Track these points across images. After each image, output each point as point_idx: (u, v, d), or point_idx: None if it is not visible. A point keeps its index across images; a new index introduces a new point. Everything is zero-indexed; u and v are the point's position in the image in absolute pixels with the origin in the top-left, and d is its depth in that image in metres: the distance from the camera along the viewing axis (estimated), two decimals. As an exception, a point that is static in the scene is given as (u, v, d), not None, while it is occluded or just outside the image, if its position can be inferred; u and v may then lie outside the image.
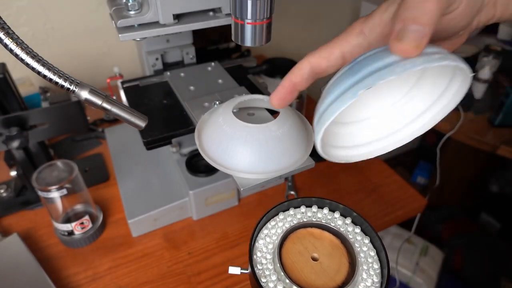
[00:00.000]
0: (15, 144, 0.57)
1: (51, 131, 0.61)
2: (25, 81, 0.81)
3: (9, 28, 0.29)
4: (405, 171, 1.89)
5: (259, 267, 0.33)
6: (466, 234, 1.36)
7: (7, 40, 0.29)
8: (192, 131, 0.56)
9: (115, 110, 0.35)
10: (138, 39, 0.50)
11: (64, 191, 0.55)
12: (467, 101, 0.95)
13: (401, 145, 0.31)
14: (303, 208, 0.37)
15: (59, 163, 0.57)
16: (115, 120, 0.85)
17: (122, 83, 0.65)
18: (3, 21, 0.28)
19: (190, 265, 0.57)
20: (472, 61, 1.14)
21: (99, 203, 0.66)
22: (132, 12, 0.47)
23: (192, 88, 0.62)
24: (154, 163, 0.69)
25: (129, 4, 0.47)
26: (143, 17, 0.48)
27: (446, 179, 1.49)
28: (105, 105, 0.34)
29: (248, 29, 0.39)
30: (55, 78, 0.31)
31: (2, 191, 0.67)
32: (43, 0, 0.84)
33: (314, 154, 0.43)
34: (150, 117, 0.39)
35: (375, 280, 0.32)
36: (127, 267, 0.57)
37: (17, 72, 0.69)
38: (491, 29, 1.29)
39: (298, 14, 1.17)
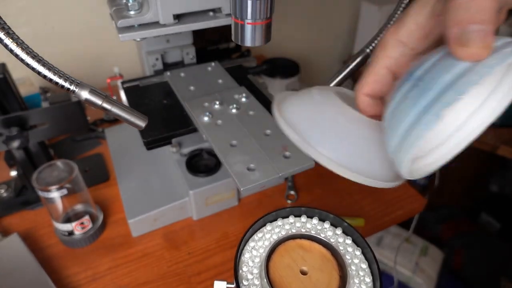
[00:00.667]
0: (15, 144, 0.57)
1: (51, 131, 0.61)
2: (25, 81, 0.81)
3: (9, 28, 0.29)
4: (405, 171, 1.89)
5: (245, 283, 0.32)
6: (466, 234, 1.36)
7: (7, 40, 0.29)
8: (192, 131, 0.56)
9: (115, 110, 0.35)
10: (138, 39, 0.50)
11: (64, 191, 0.55)
12: (467, 101, 0.95)
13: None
14: (291, 218, 0.36)
15: (59, 163, 0.57)
16: (115, 120, 0.85)
17: (122, 83, 0.65)
18: (3, 21, 0.28)
19: (190, 265, 0.57)
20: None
21: (99, 203, 0.66)
22: (132, 12, 0.47)
23: (192, 88, 0.62)
24: (154, 163, 0.69)
25: (129, 4, 0.47)
26: (143, 17, 0.48)
27: (446, 179, 1.49)
28: (105, 105, 0.34)
29: (248, 29, 0.39)
30: (55, 78, 0.31)
31: (2, 191, 0.67)
32: (43, 0, 0.84)
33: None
34: (150, 117, 0.39)
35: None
36: (127, 267, 0.57)
37: (17, 72, 0.69)
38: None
39: (298, 14, 1.17)
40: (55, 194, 0.55)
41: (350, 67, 0.42)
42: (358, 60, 0.42)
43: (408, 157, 0.23)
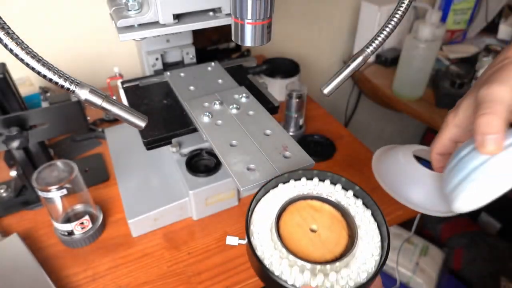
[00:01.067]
0: (15, 144, 0.57)
1: (51, 131, 0.61)
2: (25, 81, 0.81)
3: (9, 28, 0.29)
4: (405, 171, 1.89)
5: (256, 237, 0.32)
6: (466, 234, 1.36)
7: (7, 40, 0.29)
8: (192, 131, 0.56)
9: (115, 110, 0.35)
10: (138, 39, 0.50)
11: (64, 191, 0.55)
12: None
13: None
14: (304, 181, 0.36)
15: (59, 163, 0.57)
16: (115, 120, 0.85)
17: (122, 83, 0.65)
18: (3, 21, 0.28)
19: (190, 265, 0.57)
20: (472, 61, 1.14)
21: (99, 203, 0.66)
22: (132, 12, 0.47)
23: (192, 88, 0.62)
24: (154, 163, 0.69)
25: (129, 4, 0.47)
26: (143, 17, 0.48)
27: (446, 179, 1.49)
28: (105, 105, 0.34)
29: (248, 29, 0.39)
30: (55, 78, 0.31)
31: (2, 191, 0.66)
32: (43, 0, 0.84)
33: (313, 154, 0.43)
34: (150, 117, 0.39)
35: (375, 253, 0.31)
36: (127, 267, 0.57)
37: (17, 72, 0.69)
38: (491, 29, 1.30)
39: (298, 14, 1.17)
40: (55, 194, 0.55)
41: (350, 67, 0.42)
42: (358, 60, 0.41)
43: (461, 196, 0.35)
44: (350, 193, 0.36)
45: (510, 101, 0.35)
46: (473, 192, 0.36)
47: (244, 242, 0.34)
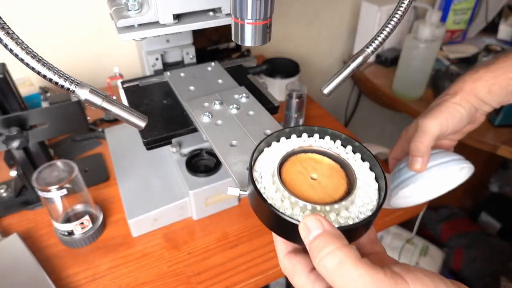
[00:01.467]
0: (15, 144, 0.57)
1: (51, 131, 0.61)
2: (25, 81, 0.81)
3: (9, 28, 0.29)
4: (405, 171, 1.89)
5: (259, 180, 0.34)
6: (466, 234, 1.36)
7: (7, 40, 0.29)
8: (192, 131, 0.56)
9: (115, 110, 0.35)
10: (138, 39, 0.50)
11: (64, 191, 0.55)
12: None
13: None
14: (305, 137, 0.38)
15: (59, 163, 0.57)
16: (115, 120, 0.85)
17: (122, 83, 0.65)
18: (3, 21, 0.28)
19: (190, 265, 0.57)
20: (472, 61, 1.14)
21: (99, 203, 0.66)
22: (132, 12, 0.47)
23: (192, 88, 0.62)
24: (154, 163, 0.69)
25: (129, 4, 0.47)
26: (143, 17, 0.48)
27: (446, 179, 1.49)
28: (105, 105, 0.34)
29: (248, 29, 0.39)
30: (55, 78, 0.31)
31: (2, 191, 0.66)
32: (43, 0, 0.84)
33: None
34: (150, 117, 0.39)
35: (372, 197, 0.32)
36: (127, 267, 0.57)
37: (17, 72, 0.69)
38: (491, 29, 1.30)
39: (298, 14, 1.17)
40: (55, 194, 0.55)
41: (350, 67, 0.42)
42: (358, 60, 0.41)
43: (395, 197, 0.50)
44: (349, 148, 0.37)
45: (437, 132, 0.47)
46: (401, 195, 0.51)
47: (246, 193, 0.35)
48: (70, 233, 0.58)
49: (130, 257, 0.58)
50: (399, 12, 0.39)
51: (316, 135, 0.38)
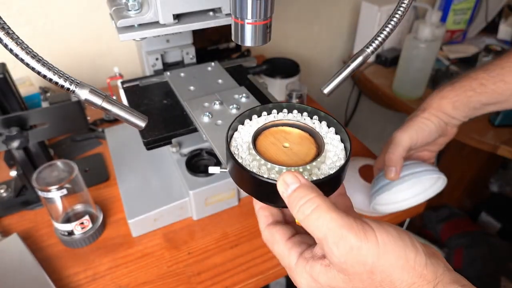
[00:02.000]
0: (15, 144, 0.57)
1: (51, 131, 0.61)
2: (25, 81, 0.81)
3: (9, 28, 0.29)
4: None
5: (236, 153, 0.37)
6: (466, 234, 1.36)
7: (7, 40, 0.29)
8: (192, 131, 0.56)
9: (115, 110, 0.35)
10: (138, 39, 0.50)
11: (64, 191, 0.55)
12: (467, 101, 0.95)
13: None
14: (274, 113, 0.42)
15: (59, 163, 0.57)
16: (115, 120, 0.85)
17: (122, 83, 0.65)
18: (3, 21, 0.28)
19: (190, 265, 0.57)
20: (472, 61, 1.14)
21: (99, 203, 0.66)
22: (132, 12, 0.47)
23: (192, 88, 0.62)
24: (154, 163, 0.69)
25: (129, 4, 0.47)
26: (143, 17, 0.48)
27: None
28: (105, 105, 0.34)
29: (248, 29, 0.39)
30: (55, 78, 0.31)
31: (2, 191, 0.66)
32: (43, 0, 0.84)
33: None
34: (150, 117, 0.39)
35: (340, 156, 0.36)
36: (127, 267, 0.57)
37: (17, 72, 0.69)
38: (491, 29, 1.30)
39: (298, 14, 1.17)
40: (55, 194, 0.55)
41: (350, 67, 0.42)
42: (358, 60, 0.41)
43: (373, 203, 0.59)
44: (316, 117, 0.41)
45: (407, 144, 0.54)
46: (379, 201, 0.60)
47: (226, 170, 0.39)
48: (70, 233, 0.58)
49: (130, 257, 0.58)
50: (399, 12, 0.39)
51: (285, 110, 0.42)
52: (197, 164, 0.63)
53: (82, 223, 0.58)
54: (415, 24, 0.98)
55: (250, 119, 0.41)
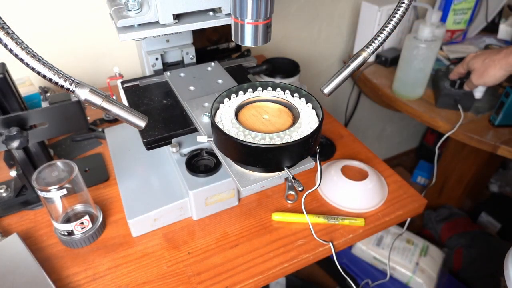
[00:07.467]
0: (15, 144, 0.57)
1: (51, 131, 0.61)
2: (25, 81, 0.81)
3: (9, 28, 0.29)
4: (405, 171, 1.89)
5: (220, 121, 0.43)
6: (466, 234, 1.36)
7: (7, 40, 0.29)
8: (192, 131, 0.56)
9: (115, 110, 0.35)
10: (138, 39, 0.50)
11: (64, 191, 0.55)
12: (467, 101, 0.95)
13: None
14: (260, 90, 0.48)
15: (59, 163, 0.57)
16: (115, 120, 0.85)
17: (122, 83, 0.65)
18: (3, 21, 0.28)
19: (190, 265, 0.57)
20: (472, 61, 1.14)
21: (99, 203, 0.66)
22: (132, 12, 0.47)
23: (192, 88, 0.62)
24: (154, 163, 0.69)
25: (129, 4, 0.47)
26: (143, 17, 0.48)
27: (446, 179, 1.49)
28: (105, 105, 0.34)
29: (248, 29, 0.40)
30: (55, 78, 0.31)
31: (2, 191, 0.67)
32: (43, 0, 0.84)
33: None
34: (150, 117, 0.39)
35: (313, 126, 0.42)
36: (127, 267, 0.57)
37: (17, 72, 0.69)
38: (491, 29, 1.30)
39: (298, 14, 1.17)
40: (55, 194, 0.55)
41: (350, 67, 0.42)
42: (358, 60, 0.42)
43: None
44: (297, 95, 0.47)
45: None
46: None
47: (211, 139, 0.45)
48: (70, 233, 0.58)
49: (130, 257, 0.58)
50: (399, 12, 0.39)
51: (269, 88, 0.48)
52: (197, 164, 0.63)
53: (82, 223, 0.58)
54: (415, 24, 0.98)
55: (237, 95, 0.47)
